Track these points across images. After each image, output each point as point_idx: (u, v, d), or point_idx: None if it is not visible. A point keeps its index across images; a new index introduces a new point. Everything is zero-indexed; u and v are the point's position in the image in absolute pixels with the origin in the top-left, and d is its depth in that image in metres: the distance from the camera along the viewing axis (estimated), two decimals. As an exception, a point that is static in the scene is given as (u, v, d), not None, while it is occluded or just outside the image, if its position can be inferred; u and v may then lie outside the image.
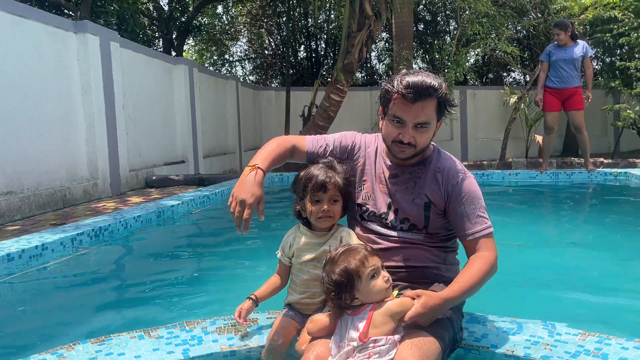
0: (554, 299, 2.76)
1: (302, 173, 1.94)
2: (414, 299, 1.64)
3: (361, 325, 1.59)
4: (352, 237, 1.92)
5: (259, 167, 1.85)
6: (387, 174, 1.93)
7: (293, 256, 1.97)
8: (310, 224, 1.94)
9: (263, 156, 1.91)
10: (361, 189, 1.97)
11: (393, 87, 1.78)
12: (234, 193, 1.81)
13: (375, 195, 1.94)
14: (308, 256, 1.92)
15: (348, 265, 1.62)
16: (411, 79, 1.75)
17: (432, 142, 1.97)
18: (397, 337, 1.60)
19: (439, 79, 1.78)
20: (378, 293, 1.63)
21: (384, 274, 1.65)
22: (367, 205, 1.94)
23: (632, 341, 1.72)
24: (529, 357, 1.71)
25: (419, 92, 1.73)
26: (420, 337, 1.59)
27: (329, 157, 1.99)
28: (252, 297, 1.99)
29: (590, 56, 7.13)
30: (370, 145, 2.03)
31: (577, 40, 7.12)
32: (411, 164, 1.90)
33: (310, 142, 2.04)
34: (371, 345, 1.57)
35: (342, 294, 1.63)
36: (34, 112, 5.65)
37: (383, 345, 1.57)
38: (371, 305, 1.63)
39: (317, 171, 1.90)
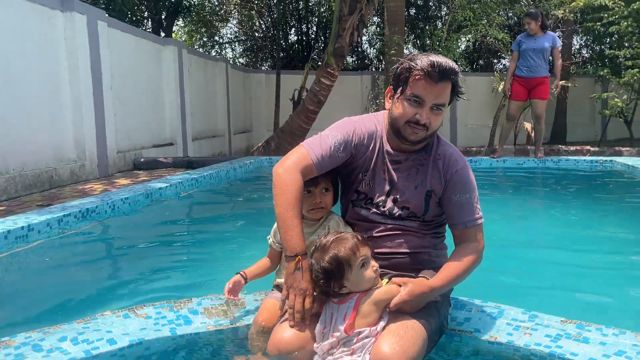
0: (537, 287, 2.80)
1: None
2: (400, 286, 1.67)
3: (348, 314, 1.61)
4: (342, 225, 1.92)
5: (300, 256, 1.72)
6: (389, 160, 1.88)
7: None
8: None
9: (293, 235, 1.75)
10: (365, 177, 1.90)
11: (416, 65, 1.73)
12: (291, 286, 1.71)
13: (375, 182, 1.89)
14: None
15: (338, 253, 1.62)
16: (435, 58, 1.73)
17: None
18: (381, 324, 1.62)
19: (454, 63, 1.79)
20: (367, 282, 1.64)
21: (373, 263, 1.66)
22: (365, 192, 1.90)
23: (611, 328, 1.75)
24: (511, 342, 1.74)
25: (444, 72, 1.72)
26: (404, 322, 1.61)
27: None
28: (242, 273, 2.01)
29: (559, 47, 7.28)
30: (372, 130, 1.92)
31: (547, 31, 7.28)
32: (415, 150, 1.86)
33: (314, 154, 1.83)
34: (355, 338, 1.59)
35: (331, 282, 1.63)
36: (20, 91, 5.57)
37: (367, 337, 1.59)
38: (358, 294, 1.64)
39: None
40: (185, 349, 1.85)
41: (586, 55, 17.14)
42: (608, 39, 13.75)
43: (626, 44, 11.77)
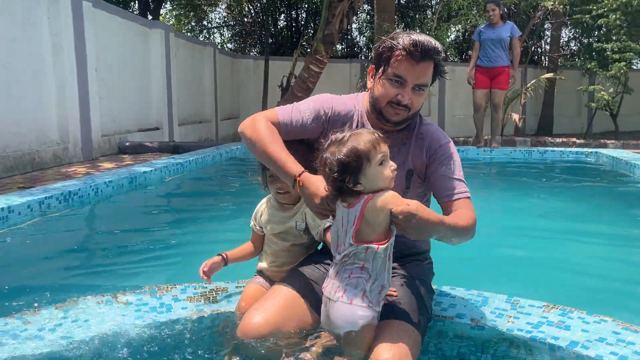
0: (521, 274, 2.83)
1: None
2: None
3: (355, 220, 1.51)
4: None
5: (298, 176, 1.68)
6: None
7: (263, 227, 1.98)
8: None
9: (284, 162, 1.71)
10: None
11: (398, 43, 1.69)
12: (312, 205, 1.65)
13: None
14: (275, 229, 1.93)
15: (358, 145, 1.50)
16: (417, 37, 1.69)
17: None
18: (391, 242, 1.52)
19: (438, 43, 1.74)
20: (383, 181, 1.52)
21: (392, 163, 1.55)
22: None
23: (592, 315, 1.76)
24: (494, 327, 1.74)
25: (426, 51, 1.68)
26: (400, 328, 1.56)
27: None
28: (223, 254, 1.99)
29: (519, 37, 7.45)
30: (350, 109, 1.90)
31: (507, 21, 7.45)
32: (396, 130, 1.83)
33: (282, 115, 1.85)
34: (363, 252, 1.51)
35: (346, 177, 1.50)
36: (1, 71, 5.45)
37: (377, 257, 1.50)
38: (366, 196, 1.52)
39: None
40: (167, 336, 1.83)
41: (574, 47, 17.22)
42: (596, 32, 13.81)
43: (614, 38, 11.84)
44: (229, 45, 19.33)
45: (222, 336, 1.83)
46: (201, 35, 18.77)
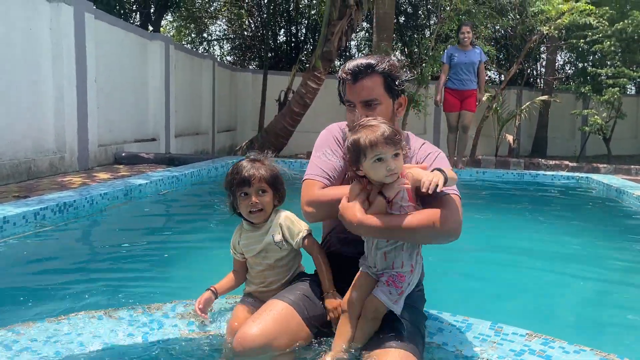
0: (506, 300, 2.87)
1: (230, 169, 1.98)
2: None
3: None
4: (293, 220, 1.96)
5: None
6: None
7: (244, 252, 2.02)
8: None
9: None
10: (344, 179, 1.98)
11: (339, 74, 1.91)
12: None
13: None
14: (255, 249, 1.97)
15: (358, 139, 1.67)
16: (350, 63, 1.88)
17: (408, 133, 2.00)
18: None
19: (383, 58, 1.88)
20: (377, 177, 1.68)
21: (390, 165, 1.64)
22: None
23: (573, 345, 1.81)
24: (477, 355, 1.78)
25: (356, 72, 1.85)
26: (393, 355, 1.61)
27: (263, 152, 2.01)
28: (212, 289, 2.03)
29: (485, 62, 7.65)
30: (340, 132, 2.02)
31: (475, 46, 7.70)
32: None
33: (319, 178, 1.92)
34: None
35: (351, 162, 1.72)
36: (0, 78, 5.49)
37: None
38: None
39: (242, 165, 1.93)
40: (158, 354, 1.86)
41: (569, 71, 17.44)
42: (591, 57, 14.01)
43: (608, 63, 12.01)
44: (229, 58, 19.45)
45: (213, 355, 1.86)
46: (201, 47, 18.89)
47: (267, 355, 1.67)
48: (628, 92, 14.56)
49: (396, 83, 1.88)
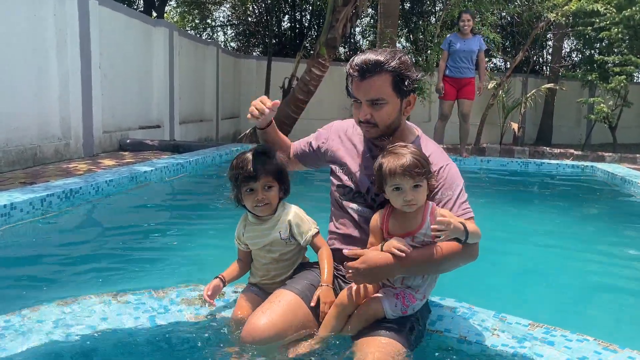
0: (509, 289, 2.88)
1: (234, 161, 1.93)
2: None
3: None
4: (302, 217, 1.95)
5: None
6: (371, 154, 1.94)
7: (247, 244, 2.01)
8: None
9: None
10: (342, 171, 1.99)
11: (348, 69, 1.83)
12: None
13: (356, 175, 1.94)
14: (260, 243, 1.96)
15: (382, 165, 1.71)
16: (358, 57, 1.80)
17: (416, 128, 1.98)
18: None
19: (394, 54, 1.78)
20: (395, 204, 1.72)
21: (408, 197, 1.67)
22: (349, 186, 1.95)
23: (576, 334, 1.82)
24: (479, 342, 1.80)
25: (363, 69, 1.76)
26: (390, 349, 1.62)
27: (268, 144, 2.07)
28: (220, 277, 2.02)
29: (491, 50, 7.54)
30: (348, 128, 2.06)
31: (476, 34, 7.65)
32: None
33: (295, 146, 2.23)
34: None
35: (377, 186, 1.77)
36: (5, 65, 5.50)
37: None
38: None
39: (248, 159, 1.88)
40: (164, 338, 1.88)
41: (576, 59, 17.29)
42: (598, 44, 13.88)
43: (615, 50, 11.91)
44: (232, 45, 19.37)
45: (219, 340, 1.88)
46: (205, 34, 18.81)
47: (275, 345, 1.68)
48: (635, 80, 14.43)
49: (405, 83, 1.79)
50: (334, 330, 1.75)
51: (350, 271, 1.70)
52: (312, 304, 1.81)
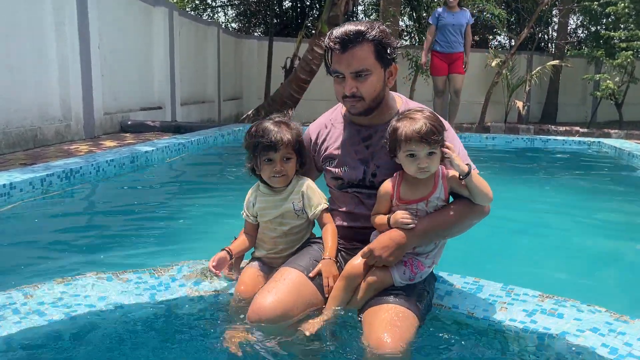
0: (517, 264, 2.84)
1: (253, 128, 1.88)
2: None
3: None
4: (314, 189, 1.91)
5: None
6: (359, 137, 1.89)
7: (257, 215, 1.96)
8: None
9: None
10: (332, 165, 1.93)
11: (325, 43, 1.76)
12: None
13: (348, 165, 1.89)
14: (272, 214, 1.92)
15: (397, 129, 1.66)
16: (337, 30, 1.74)
17: (399, 96, 1.94)
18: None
19: (372, 24, 1.74)
20: (408, 170, 1.68)
21: (422, 164, 1.64)
22: (343, 179, 1.90)
23: (586, 305, 1.78)
24: (487, 317, 1.76)
25: (344, 40, 1.70)
26: (399, 312, 1.61)
27: (284, 113, 1.97)
28: (227, 249, 1.98)
29: (471, 24, 7.47)
30: (332, 118, 1.99)
31: (463, 7, 7.51)
32: (382, 122, 1.85)
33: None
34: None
35: (389, 149, 1.72)
36: (3, 46, 5.43)
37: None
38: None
39: (269, 127, 1.84)
40: (165, 315, 1.85)
41: (581, 35, 17.06)
42: (604, 20, 13.67)
43: (622, 26, 11.72)
44: (233, 25, 19.18)
45: (221, 316, 1.85)
46: (205, 14, 18.60)
47: (282, 324, 1.66)
48: (641, 56, 14.24)
49: (388, 51, 1.75)
50: (342, 303, 1.72)
51: (367, 259, 1.70)
52: (311, 275, 1.78)
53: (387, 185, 1.75)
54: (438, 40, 7.35)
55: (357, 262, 1.73)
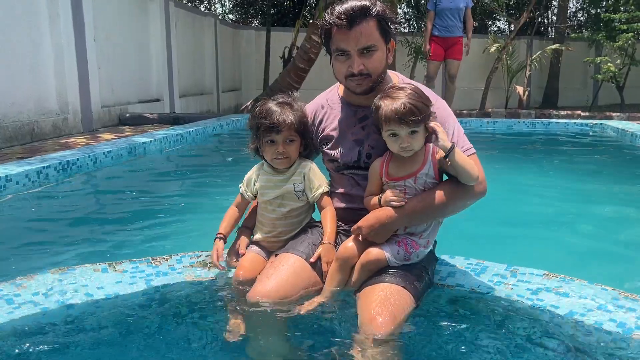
0: (521, 245, 2.80)
1: (257, 109, 1.86)
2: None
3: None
4: (315, 172, 1.89)
5: None
6: (356, 118, 1.86)
7: (257, 194, 1.94)
8: None
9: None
10: (329, 145, 1.91)
11: (326, 21, 1.71)
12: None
13: (343, 146, 1.86)
14: (272, 194, 1.89)
15: (379, 107, 1.64)
16: (340, 6, 1.70)
17: (397, 75, 1.90)
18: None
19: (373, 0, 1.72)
20: (393, 150, 1.67)
21: (404, 143, 1.62)
22: (339, 160, 1.88)
23: (593, 284, 1.74)
24: (492, 293, 1.72)
25: (352, 16, 1.67)
26: (394, 290, 1.58)
27: (288, 94, 1.93)
28: (221, 235, 1.96)
29: (471, 7, 7.38)
30: (329, 98, 1.96)
31: None
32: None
33: None
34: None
35: (375, 125, 1.72)
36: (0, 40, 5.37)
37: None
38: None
39: (273, 109, 1.82)
40: (162, 303, 1.82)
41: (581, 19, 16.92)
42: (604, 3, 13.53)
43: (622, 8, 11.59)
44: (230, 16, 19.05)
45: (222, 299, 1.82)
46: (202, 6, 18.48)
47: (281, 307, 1.64)
48: (642, 38, 14.12)
49: (390, 26, 1.74)
50: (338, 284, 1.70)
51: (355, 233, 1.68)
52: (312, 260, 1.76)
53: (376, 163, 1.74)
54: (436, 25, 7.26)
55: (350, 243, 1.71)
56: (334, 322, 1.64)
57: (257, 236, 1.96)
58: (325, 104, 1.95)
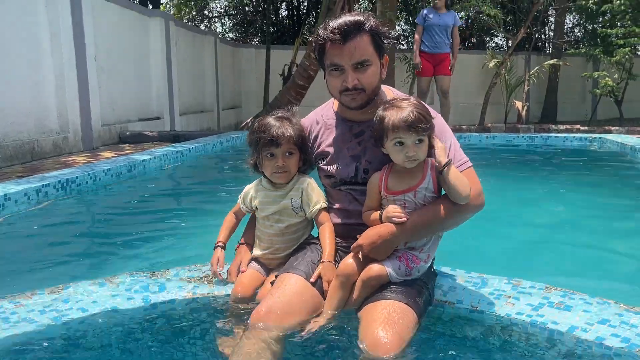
0: (521, 260, 2.78)
1: (256, 124, 1.87)
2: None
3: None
4: (314, 188, 1.88)
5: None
6: (352, 134, 1.86)
7: (256, 209, 1.94)
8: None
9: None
10: (325, 161, 1.90)
11: (320, 36, 1.72)
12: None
13: (340, 162, 1.86)
14: (270, 209, 1.89)
15: (384, 118, 1.64)
16: (334, 22, 1.71)
17: (392, 89, 1.91)
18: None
19: (366, 15, 1.74)
20: (395, 159, 1.67)
21: (410, 152, 1.62)
22: (335, 176, 1.87)
23: (595, 297, 1.72)
24: (492, 312, 1.70)
25: (346, 31, 1.68)
26: (397, 307, 1.56)
27: (287, 109, 1.93)
28: (220, 244, 1.97)
29: (458, 26, 7.45)
30: (323, 114, 1.96)
31: (450, 10, 7.56)
32: (374, 117, 1.78)
33: None
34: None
35: (376, 139, 1.71)
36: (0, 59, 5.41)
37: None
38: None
39: (271, 123, 1.82)
40: (161, 317, 1.80)
41: (578, 34, 17.06)
42: (600, 18, 13.64)
43: (618, 23, 11.68)
44: (230, 35, 19.22)
45: (218, 318, 1.79)
46: (202, 25, 18.66)
47: (283, 328, 1.61)
48: (639, 53, 14.21)
49: (384, 41, 1.75)
50: (339, 302, 1.67)
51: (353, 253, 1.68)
52: (312, 279, 1.73)
53: (375, 177, 1.74)
54: (424, 41, 7.35)
55: (350, 260, 1.69)
56: (337, 343, 1.61)
57: (255, 252, 1.95)
58: (320, 120, 1.95)
